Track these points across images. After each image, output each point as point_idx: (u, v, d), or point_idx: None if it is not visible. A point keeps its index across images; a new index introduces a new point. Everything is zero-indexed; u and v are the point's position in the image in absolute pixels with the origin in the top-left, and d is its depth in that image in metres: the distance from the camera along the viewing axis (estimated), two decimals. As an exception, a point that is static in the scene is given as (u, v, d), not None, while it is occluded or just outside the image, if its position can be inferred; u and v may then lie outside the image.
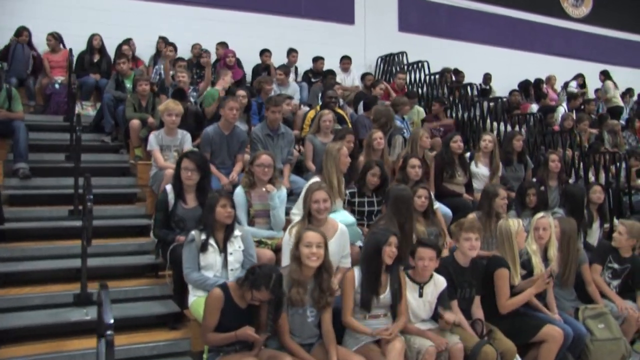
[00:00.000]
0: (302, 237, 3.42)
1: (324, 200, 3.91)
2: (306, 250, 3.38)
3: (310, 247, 3.38)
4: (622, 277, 4.74)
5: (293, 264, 3.45)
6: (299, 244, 3.41)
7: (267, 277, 3.22)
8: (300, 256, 3.39)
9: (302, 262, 3.39)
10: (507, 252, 4.08)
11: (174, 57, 7.50)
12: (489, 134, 6.14)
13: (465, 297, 4.01)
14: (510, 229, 4.09)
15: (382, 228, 4.10)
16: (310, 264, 3.39)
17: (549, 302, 4.37)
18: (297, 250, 3.41)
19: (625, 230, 4.71)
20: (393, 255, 3.56)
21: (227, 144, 5.47)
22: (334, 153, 4.66)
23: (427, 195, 4.76)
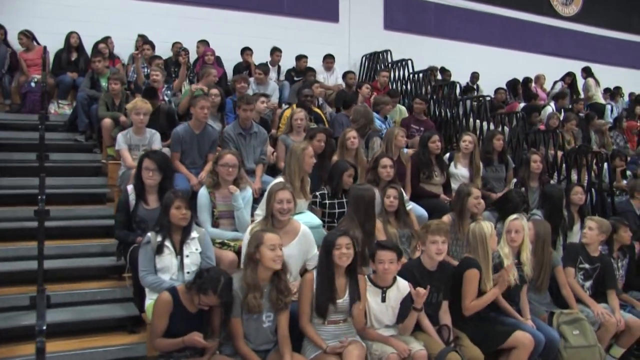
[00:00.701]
0: (264, 240, 3.28)
1: (287, 201, 3.79)
2: (271, 254, 3.27)
3: (275, 249, 3.29)
4: (594, 278, 4.61)
5: (248, 268, 3.30)
6: (261, 246, 3.27)
7: (215, 281, 3.11)
8: (262, 259, 3.26)
9: (263, 265, 3.27)
10: (480, 256, 3.92)
11: (151, 55, 7.36)
12: (469, 134, 5.99)
13: (432, 302, 3.86)
14: (484, 231, 3.94)
15: (341, 229, 3.99)
16: (275, 266, 3.29)
17: (522, 306, 4.24)
18: (258, 253, 3.27)
19: (595, 225, 4.60)
20: (344, 258, 3.41)
21: (197, 143, 5.35)
22: (298, 153, 4.52)
23: (397, 195, 4.63)
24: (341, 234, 3.48)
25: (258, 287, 3.28)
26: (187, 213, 3.69)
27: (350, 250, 3.42)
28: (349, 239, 3.43)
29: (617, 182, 6.93)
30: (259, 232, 3.36)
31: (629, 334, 4.41)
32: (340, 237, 3.44)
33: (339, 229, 3.72)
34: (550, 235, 4.51)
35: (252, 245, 3.29)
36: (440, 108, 7.75)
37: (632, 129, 9.31)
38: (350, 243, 3.42)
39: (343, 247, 3.40)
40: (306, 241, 3.92)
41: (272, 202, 3.80)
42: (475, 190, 4.68)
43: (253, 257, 3.27)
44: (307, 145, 4.64)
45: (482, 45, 11.11)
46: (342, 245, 3.40)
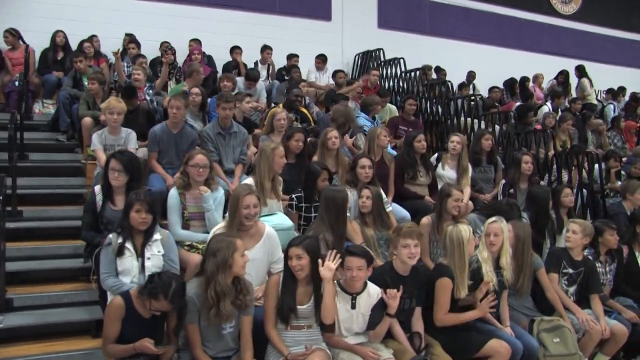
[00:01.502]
0: (237, 246, 3.15)
1: (254, 206, 3.67)
2: (242, 260, 3.16)
3: (244, 256, 3.19)
4: (578, 282, 4.43)
5: (219, 275, 3.11)
6: (235, 253, 3.13)
7: (166, 285, 2.98)
8: (234, 266, 3.13)
9: (234, 272, 3.14)
10: (456, 261, 3.75)
11: (135, 54, 7.25)
12: (457, 135, 5.82)
13: (404, 308, 3.70)
14: (462, 235, 3.76)
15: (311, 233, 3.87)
16: (243, 273, 3.19)
17: (502, 313, 4.08)
18: (231, 259, 3.13)
19: (579, 229, 4.43)
20: (296, 268, 3.26)
21: (175, 143, 5.24)
22: (268, 152, 4.39)
23: (370, 196, 4.48)
24: (295, 243, 3.33)
25: (229, 294, 3.14)
26: (147, 217, 3.55)
27: (302, 260, 3.26)
28: (301, 250, 3.27)
29: (611, 184, 6.73)
30: (232, 239, 3.21)
31: (614, 341, 4.23)
32: (291, 247, 3.31)
33: (299, 236, 3.57)
34: (531, 237, 4.33)
35: (227, 252, 3.13)
36: (432, 107, 7.56)
37: (631, 129, 9.08)
38: (302, 253, 3.26)
39: (293, 258, 3.27)
40: (271, 244, 3.79)
41: (239, 207, 3.66)
42: (456, 192, 4.51)
43: (227, 263, 3.12)
44: (277, 145, 4.50)
45: (479, 44, 10.95)
46: (293, 257, 3.27)
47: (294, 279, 3.34)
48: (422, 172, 5.54)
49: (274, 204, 4.41)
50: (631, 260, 4.82)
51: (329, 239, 3.89)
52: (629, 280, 4.78)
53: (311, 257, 3.30)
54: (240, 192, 3.72)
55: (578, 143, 8.18)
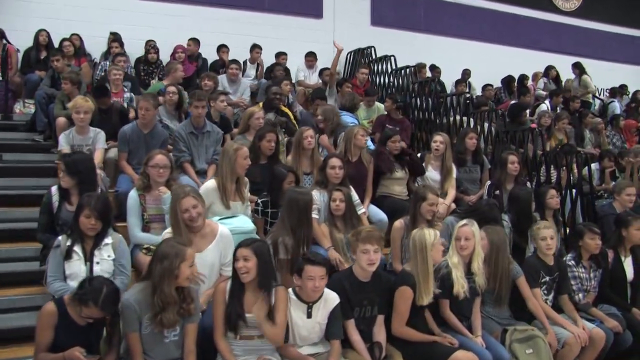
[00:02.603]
0: (186, 256, 2.99)
1: (193, 207, 3.50)
2: (189, 271, 3.00)
3: (193, 266, 3.03)
4: (554, 288, 4.21)
5: (164, 283, 2.93)
6: (182, 263, 2.96)
7: (96, 291, 2.83)
8: (180, 276, 2.96)
9: (178, 283, 2.97)
10: (418, 266, 3.54)
11: (117, 53, 7.13)
12: (440, 134, 5.59)
13: (365, 316, 3.52)
14: (425, 239, 3.55)
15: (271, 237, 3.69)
16: (187, 284, 3.03)
17: (473, 321, 3.87)
18: (178, 269, 2.95)
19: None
20: (245, 271, 3.09)
21: (145, 143, 5.11)
22: (231, 153, 4.21)
23: (343, 199, 4.30)
24: (244, 244, 3.16)
25: (174, 302, 2.97)
26: (96, 224, 3.41)
27: (249, 262, 3.09)
28: (249, 251, 3.10)
29: (605, 184, 6.46)
30: (182, 247, 3.04)
31: (592, 347, 3.98)
32: (239, 248, 3.16)
33: (251, 238, 3.39)
34: (507, 243, 4.11)
35: (174, 260, 2.95)
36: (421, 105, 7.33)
37: (631, 128, 8.77)
38: (249, 255, 3.09)
39: (240, 259, 3.11)
40: (224, 245, 3.62)
41: (178, 212, 3.50)
42: (431, 195, 4.29)
43: (173, 272, 2.95)
44: (240, 146, 4.33)
45: (476, 41, 10.66)
46: (240, 258, 3.12)
47: (242, 285, 3.17)
48: (397, 167, 5.33)
49: (238, 206, 4.25)
50: (617, 265, 4.54)
51: (289, 243, 3.71)
52: (614, 287, 4.52)
53: (259, 261, 3.12)
54: (176, 196, 3.56)
55: (575, 142, 7.93)
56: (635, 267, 4.59)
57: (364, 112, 7.07)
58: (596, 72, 10.83)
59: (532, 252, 4.51)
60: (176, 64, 6.66)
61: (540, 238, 4.16)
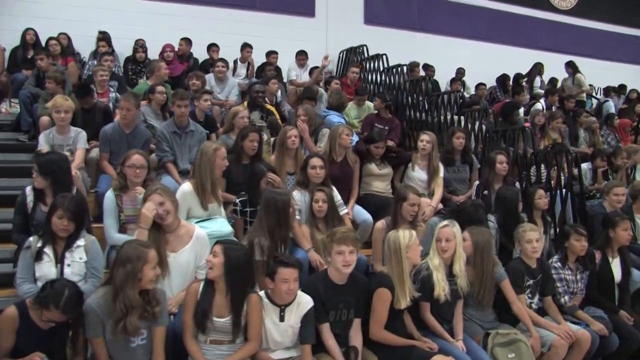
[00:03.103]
0: (149, 258, 2.91)
1: (160, 204, 3.44)
2: (152, 273, 2.93)
3: (155, 268, 2.96)
4: (538, 290, 4.11)
5: (127, 287, 2.86)
6: (145, 265, 2.89)
7: (58, 294, 2.76)
8: (143, 279, 2.89)
9: (142, 286, 2.91)
10: (394, 269, 3.46)
11: (104, 52, 7.07)
12: (426, 134, 5.50)
13: (341, 319, 3.42)
14: (400, 241, 3.46)
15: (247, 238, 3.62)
16: (151, 286, 2.95)
17: (455, 325, 3.78)
18: (141, 272, 2.89)
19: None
20: (210, 266, 3.07)
21: (127, 143, 5.05)
22: (210, 154, 4.14)
23: (326, 199, 4.22)
24: (219, 242, 3.13)
25: (136, 308, 2.89)
26: (69, 225, 3.34)
27: (216, 258, 3.05)
28: (220, 248, 3.07)
29: (598, 184, 6.36)
30: (144, 249, 2.96)
31: (578, 349, 3.89)
32: (216, 244, 3.13)
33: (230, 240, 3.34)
34: (492, 244, 4.00)
35: (137, 263, 2.88)
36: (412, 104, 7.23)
37: (626, 127, 8.65)
38: (219, 252, 3.05)
39: (210, 254, 3.07)
40: (200, 246, 3.56)
41: None
42: (412, 195, 4.20)
43: (136, 276, 2.88)
44: (219, 146, 4.26)
45: (472, 40, 10.57)
46: (211, 252, 3.09)
47: (213, 288, 3.10)
48: (378, 162, 5.28)
49: (214, 207, 4.17)
50: (604, 266, 4.45)
51: (264, 244, 3.63)
52: (601, 289, 4.42)
53: (226, 261, 3.06)
54: (145, 195, 3.55)
55: (569, 141, 7.84)
56: (623, 269, 4.51)
57: (354, 111, 6.98)
58: (593, 71, 10.73)
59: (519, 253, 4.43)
60: (159, 62, 6.59)
61: (525, 241, 4.06)
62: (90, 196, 4.85)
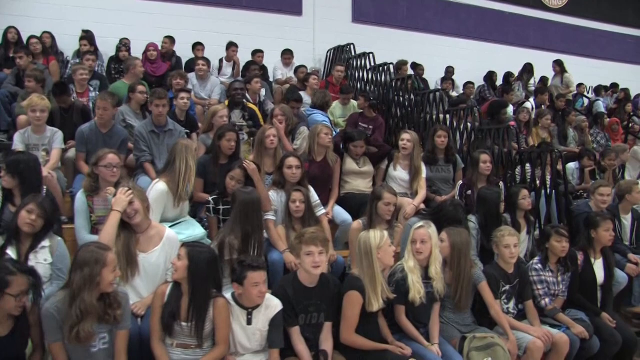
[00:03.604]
0: (107, 261, 2.83)
1: (129, 203, 3.39)
2: (111, 276, 2.84)
3: (115, 271, 2.88)
4: (515, 295, 4.03)
5: (85, 291, 2.77)
6: (103, 269, 2.81)
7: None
8: (102, 283, 2.81)
9: (101, 290, 2.82)
10: (365, 270, 3.38)
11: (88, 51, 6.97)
12: (408, 133, 5.41)
13: (311, 323, 3.34)
14: (370, 242, 3.38)
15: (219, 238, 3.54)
16: (110, 290, 2.86)
17: (430, 328, 3.70)
18: (99, 276, 2.80)
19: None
20: (174, 269, 3.01)
21: (104, 143, 4.94)
22: (187, 151, 4.09)
23: (303, 199, 4.15)
24: (185, 245, 3.10)
25: (93, 313, 2.81)
26: (36, 221, 3.27)
27: (180, 262, 3.00)
28: (184, 251, 3.03)
29: (585, 183, 6.29)
30: (99, 251, 2.88)
31: (556, 353, 3.82)
32: (182, 246, 3.10)
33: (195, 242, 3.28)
34: (470, 245, 3.92)
35: (94, 267, 2.80)
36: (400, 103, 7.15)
37: (612, 125, 8.59)
38: (183, 255, 3.00)
39: (175, 257, 3.04)
40: (171, 248, 3.48)
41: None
42: (387, 195, 4.13)
43: (94, 280, 2.80)
44: (191, 143, 4.21)
45: (461, 38, 10.46)
46: (174, 263, 3.04)
47: (181, 290, 3.04)
48: (359, 159, 5.19)
49: (186, 206, 4.15)
50: (587, 268, 4.36)
51: (234, 243, 3.56)
52: (584, 291, 4.34)
53: (191, 265, 3.00)
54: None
55: (558, 140, 7.77)
56: (605, 270, 4.43)
57: (339, 111, 6.91)
58: (583, 69, 10.66)
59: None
60: (134, 60, 6.49)
61: (504, 245, 3.96)
62: (66, 197, 4.78)
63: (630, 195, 5.19)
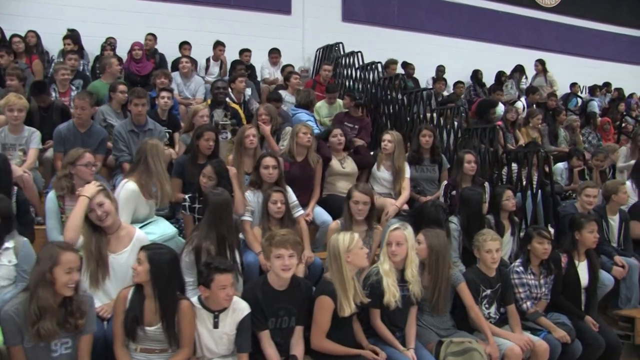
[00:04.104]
0: (60, 260, 2.74)
1: (99, 205, 3.30)
2: (65, 278, 2.75)
3: (71, 273, 2.77)
4: (496, 299, 3.93)
5: (39, 289, 2.72)
6: (55, 267, 2.72)
7: None
8: (55, 282, 2.73)
9: (57, 290, 2.75)
10: (334, 274, 3.29)
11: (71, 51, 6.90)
12: (389, 133, 5.32)
13: (282, 327, 3.26)
14: (338, 245, 3.29)
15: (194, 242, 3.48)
16: (67, 293, 2.78)
17: (407, 333, 3.61)
18: (51, 274, 2.72)
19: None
20: (135, 274, 2.95)
21: (82, 142, 4.86)
22: (159, 149, 4.04)
23: (284, 200, 4.06)
24: (144, 248, 3.02)
25: (52, 311, 2.73)
26: None
27: (140, 266, 2.93)
28: (144, 255, 2.95)
29: (574, 184, 6.19)
30: (55, 249, 2.80)
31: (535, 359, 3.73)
32: (141, 250, 3.01)
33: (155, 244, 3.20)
34: (448, 247, 3.84)
35: (46, 264, 2.73)
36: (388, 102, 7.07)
37: (604, 125, 8.50)
38: (143, 259, 2.93)
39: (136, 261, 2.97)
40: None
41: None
42: (357, 194, 4.03)
43: (46, 278, 2.72)
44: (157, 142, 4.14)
45: (453, 37, 10.36)
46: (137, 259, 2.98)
47: (143, 294, 2.96)
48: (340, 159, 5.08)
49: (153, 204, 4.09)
50: (570, 270, 4.27)
51: (211, 248, 3.48)
52: (567, 294, 4.25)
53: (152, 268, 2.93)
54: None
55: (549, 140, 7.69)
56: (590, 273, 4.33)
57: (325, 110, 6.83)
58: (577, 69, 10.56)
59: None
60: (110, 58, 6.43)
61: (485, 250, 3.85)
62: (43, 197, 4.70)
63: (617, 195, 5.11)
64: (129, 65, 7.26)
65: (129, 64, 7.26)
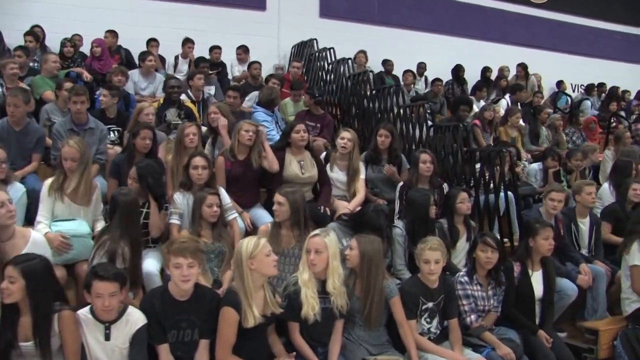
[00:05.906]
0: None
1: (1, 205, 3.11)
2: None
3: None
4: (439, 312, 3.61)
5: None
6: None
7: None
8: None
9: None
10: (238, 282, 3.02)
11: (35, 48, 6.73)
12: (347, 131, 5.02)
13: (184, 340, 2.99)
14: (240, 251, 3.01)
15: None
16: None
17: (330, 349, 3.32)
18: None
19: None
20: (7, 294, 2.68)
21: (17, 141, 4.69)
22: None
23: (219, 203, 3.82)
24: (13, 262, 2.75)
25: None
26: None
27: (13, 285, 2.67)
28: (16, 272, 2.68)
29: (548, 185, 5.83)
30: None
31: (472, 380, 3.42)
32: (7, 266, 2.74)
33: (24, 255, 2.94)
34: (382, 254, 3.52)
35: None
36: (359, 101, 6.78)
37: (589, 124, 8.11)
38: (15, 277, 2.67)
39: (6, 280, 2.68)
40: (38, 251, 3.12)
41: None
42: (277, 196, 3.78)
43: None
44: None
45: (438, 34, 10.03)
46: (6, 278, 2.69)
47: (16, 309, 2.70)
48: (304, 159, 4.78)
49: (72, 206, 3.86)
50: (523, 280, 3.93)
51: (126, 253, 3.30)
52: (520, 305, 3.91)
53: (28, 283, 2.68)
54: None
55: (530, 139, 7.35)
56: (545, 283, 3.99)
57: (291, 108, 6.54)
58: (570, 66, 10.17)
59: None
60: (48, 54, 6.19)
61: (423, 260, 3.52)
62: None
63: (580, 195, 4.77)
64: (91, 62, 7.04)
65: (91, 61, 7.05)
